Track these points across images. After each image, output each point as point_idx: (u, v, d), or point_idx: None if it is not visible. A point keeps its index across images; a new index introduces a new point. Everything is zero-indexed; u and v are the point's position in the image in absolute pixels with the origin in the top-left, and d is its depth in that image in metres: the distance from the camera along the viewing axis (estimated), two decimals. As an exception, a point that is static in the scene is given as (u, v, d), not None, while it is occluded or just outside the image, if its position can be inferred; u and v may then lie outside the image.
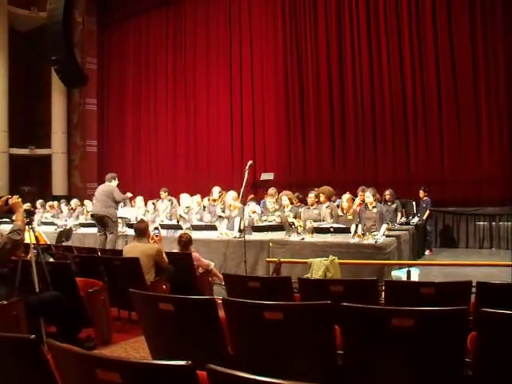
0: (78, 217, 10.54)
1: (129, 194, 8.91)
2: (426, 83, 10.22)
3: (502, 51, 9.41)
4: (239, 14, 12.95)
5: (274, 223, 7.44)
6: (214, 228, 7.70)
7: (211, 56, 13.51)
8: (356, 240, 6.18)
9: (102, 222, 8.11)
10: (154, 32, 14.79)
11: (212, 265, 5.79)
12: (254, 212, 8.15)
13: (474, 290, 3.21)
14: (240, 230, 7.16)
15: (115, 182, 8.36)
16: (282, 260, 5.71)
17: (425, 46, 10.20)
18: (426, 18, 10.16)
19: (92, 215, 8.55)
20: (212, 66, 13.48)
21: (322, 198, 7.46)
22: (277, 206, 7.90)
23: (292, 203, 7.95)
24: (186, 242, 5.63)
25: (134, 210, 9.78)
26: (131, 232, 7.28)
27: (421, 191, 9.33)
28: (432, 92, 10.14)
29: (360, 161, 11.01)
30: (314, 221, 7.24)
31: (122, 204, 10.16)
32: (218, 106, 13.34)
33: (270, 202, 7.98)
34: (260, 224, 7.60)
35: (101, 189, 8.37)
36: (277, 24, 12.29)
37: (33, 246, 3.99)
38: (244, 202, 8.32)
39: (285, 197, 7.82)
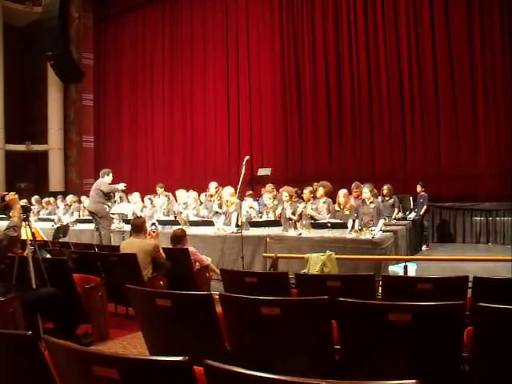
0: (72, 213, 10.52)
1: (119, 186, 8.54)
2: (423, 78, 10.21)
3: (499, 47, 9.40)
4: (236, 7, 12.90)
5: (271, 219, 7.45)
6: (211, 223, 7.70)
7: (208, 51, 13.47)
8: (353, 235, 6.18)
9: (93, 217, 8.25)
10: (151, 26, 14.73)
11: (209, 260, 5.79)
12: (252, 207, 8.15)
13: (470, 284, 3.21)
14: (237, 226, 7.16)
15: (109, 178, 8.34)
16: (279, 255, 5.71)
17: (422, 41, 10.19)
18: (424, 13, 10.14)
19: (87, 211, 8.68)
20: (209, 61, 13.45)
21: (321, 192, 7.46)
22: (276, 202, 7.90)
23: (291, 199, 7.95)
24: (175, 237, 5.62)
25: (131, 205, 9.76)
26: (128, 228, 7.27)
27: (418, 186, 9.35)
28: (429, 87, 10.14)
29: (357, 156, 11.02)
30: (312, 217, 7.25)
31: (118, 200, 10.16)
32: (214, 102, 13.32)
33: (267, 198, 7.98)
34: (257, 219, 7.60)
35: (93, 185, 8.44)
36: (274, 19, 12.25)
37: (29, 242, 3.97)
38: (241, 198, 8.32)
39: (285, 192, 7.83)
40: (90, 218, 8.60)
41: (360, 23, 10.93)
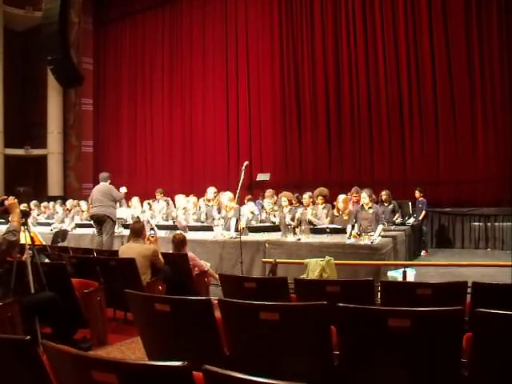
0: (73, 217, 10.49)
1: (123, 189, 8.59)
2: (422, 84, 10.26)
3: (498, 52, 9.46)
4: (235, 12, 12.96)
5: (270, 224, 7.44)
6: (209, 229, 7.69)
7: (207, 56, 13.51)
8: (352, 240, 6.18)
9: (102, 222, 7.94)
10: (150, 31, 14.78)
11: (208, 265, 5.78)
12: (253, 212, 8.13)
13: (469, 290, 3.21)
14: (236, 231, 7.15)
15: (108, 182, 8.31)
16: (278, 260, 5.70)
17: (421, 46, 10.25)
18: (423, 19, 10.20)
19: (91, 216, 8.30)
20: (208, 66, 13.48)
21: (321, 198, 7.45)
22: (276, 208, 7.87)
23: (291, 204, 7.93)
24: (178, 242, 5.62)
25: (130, 210, 9.75)
26: (127, 232, 7.24)
27: (417, 192, 9.36)
28: (428, 93, 10.18)
29: (356, 161, 11.04)
30: (311, 222, 7.25)
31: (118, 204, 10.11)
32: (214, 106, 13.35)
33: (267, 203, 7.96)
34: (256, 224, 7.59)
35: (98, 189, 8.23)
36: (273, 23, 12.31)
37: (28, 246, 3.97)
38: (240, 203, 8.31)
39: (284, 198, 7.82)
40: (89, 222, 8.53)
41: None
